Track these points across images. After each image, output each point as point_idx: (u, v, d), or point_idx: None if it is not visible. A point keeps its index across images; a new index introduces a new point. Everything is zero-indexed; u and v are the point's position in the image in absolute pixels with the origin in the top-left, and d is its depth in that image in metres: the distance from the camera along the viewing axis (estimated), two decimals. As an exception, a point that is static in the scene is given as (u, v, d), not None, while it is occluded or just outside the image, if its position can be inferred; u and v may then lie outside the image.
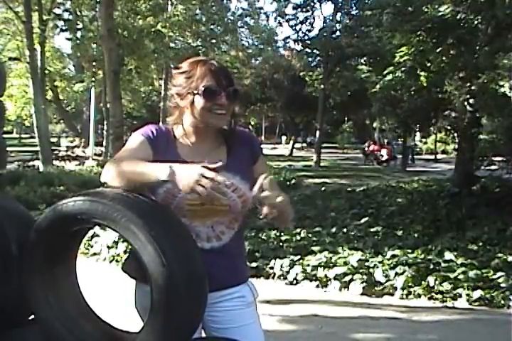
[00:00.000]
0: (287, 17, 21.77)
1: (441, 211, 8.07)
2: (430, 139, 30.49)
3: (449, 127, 11.04)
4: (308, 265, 4.88)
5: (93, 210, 1.41)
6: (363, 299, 4.37)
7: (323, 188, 11.94)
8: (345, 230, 6.63)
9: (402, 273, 4.57)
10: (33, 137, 18.18)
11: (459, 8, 8.12)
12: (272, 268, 4.93)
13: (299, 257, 5.06)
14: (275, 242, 5.79)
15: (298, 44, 21.84)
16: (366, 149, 24.68)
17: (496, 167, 9.57)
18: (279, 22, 22.80)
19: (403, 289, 4.40)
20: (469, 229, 6.71)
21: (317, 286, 4.66)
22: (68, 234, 1.55)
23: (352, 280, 4.55)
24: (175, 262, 1.35)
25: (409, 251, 5.27)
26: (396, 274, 4.57)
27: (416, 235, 6.43)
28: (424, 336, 3.66)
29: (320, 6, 24.27)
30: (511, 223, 6.72)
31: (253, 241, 5.62)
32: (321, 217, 7.70)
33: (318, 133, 21.56)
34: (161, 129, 1.63)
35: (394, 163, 22.67)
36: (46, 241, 1.52)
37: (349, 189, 11.69)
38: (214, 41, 20.84)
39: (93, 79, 19.58)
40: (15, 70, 21.97)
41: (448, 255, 5.12)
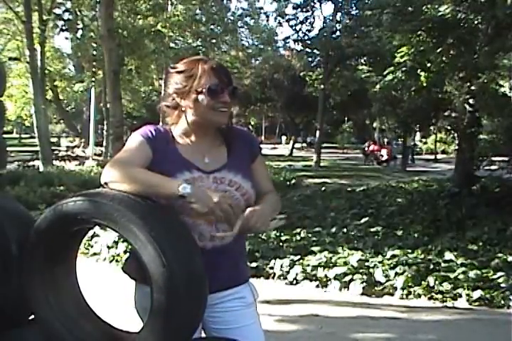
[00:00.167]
0: (287, 17, 21.78)
1: (441, 211, 8.06)
2: (430, 139, 30.55)
3: (449, 127, 11.05)
4: (308, 265, 4.88)
5: (93, 210, 1.41)
6: (363, 299, 4.37)
7: (323, 188, 11.93)
8: (345, 230, 6.62)
9: (402, 273, 4.57)
10: (33, 137, 18.20)
11: (459, 8, 8.11)
12: (272, 268, 4.93)
13: (299, 257, 5.06)
14: (275, 242, 5.79)
15: (298, 44, 21.85)
16: (366, 149, 24.70)
17: (496, 167, 9.57)
18: (279, 22, 22.83)
19: (403, 289, 4.40)
20: (469, 229, 6.70)
21: (317, 286, 4.66)
22: (68, 234, 1.54)
23: (352, 280, 4.55)
24: (175, 262, 1.35)
25: (409, 251, 5.27)
26: (396, 274, 4.57)
27: (416, 235, 6.42)
28: (424, 336, 3.65)
29: (320, 6, 24.21)
30: (511, 223, 6.72)
31: (253, 241, 5.60)
32: (321, 217, 7.69)
33: (318, 133, 21.57)
34: (160, 129, 1.64)
35: (394, 163, 22.68)
36: (46, 241, 1.52)
37: (349, 189, 11.68)
38: (214, 41, 20.85)
39: (93, 79, 19.57)
40: (15, 70, 22.01)
41: (448, 255, 5.12)
